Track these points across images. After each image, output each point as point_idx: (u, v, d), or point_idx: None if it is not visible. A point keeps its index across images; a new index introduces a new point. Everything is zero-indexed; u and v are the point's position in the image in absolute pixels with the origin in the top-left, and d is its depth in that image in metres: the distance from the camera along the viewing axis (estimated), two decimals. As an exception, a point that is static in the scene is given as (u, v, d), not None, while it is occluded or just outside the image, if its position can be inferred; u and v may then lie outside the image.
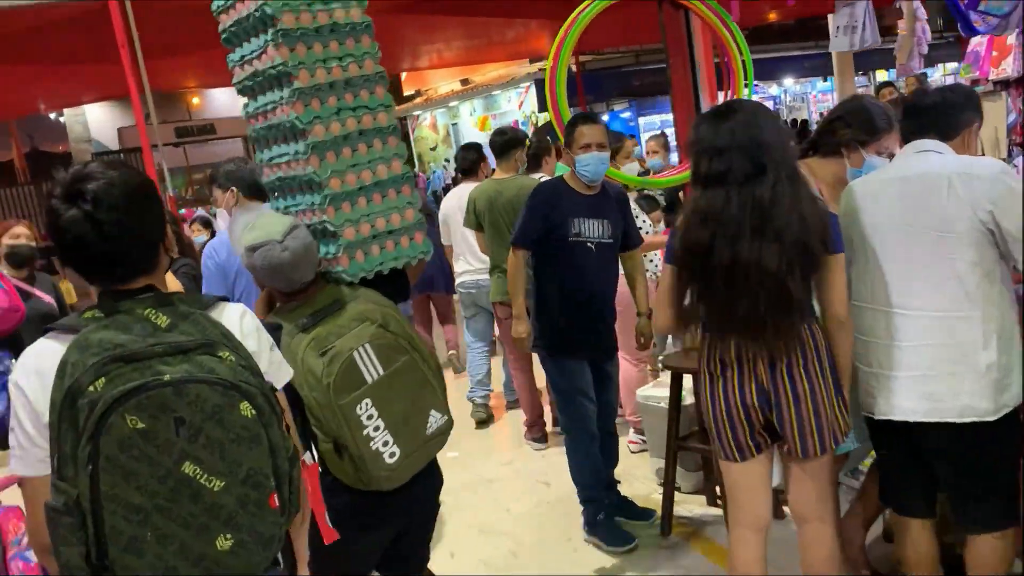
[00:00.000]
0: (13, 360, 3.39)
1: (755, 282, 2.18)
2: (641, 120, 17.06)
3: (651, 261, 4.69)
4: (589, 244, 3.43)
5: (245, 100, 2.47)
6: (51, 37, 7.26)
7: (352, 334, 2.09)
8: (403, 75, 22.03)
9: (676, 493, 3.70)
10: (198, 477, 1.44)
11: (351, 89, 2.30)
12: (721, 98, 3.82)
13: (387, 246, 2.36)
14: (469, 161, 5.43)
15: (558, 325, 3.48)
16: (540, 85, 16.42)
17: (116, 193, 1.51)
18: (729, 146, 2.21)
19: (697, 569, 3.34)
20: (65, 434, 1.41)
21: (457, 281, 5.36)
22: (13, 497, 2.70)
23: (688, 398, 3.73)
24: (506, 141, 4.90)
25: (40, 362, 1.49)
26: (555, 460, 4.42)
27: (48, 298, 3.86)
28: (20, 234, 3.84)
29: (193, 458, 1.43)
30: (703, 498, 3.88)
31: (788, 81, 20.15)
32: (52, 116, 23.64)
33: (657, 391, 4.03)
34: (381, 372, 2.10)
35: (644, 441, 4.36)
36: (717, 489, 3.74)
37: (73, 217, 1.49)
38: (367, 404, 2.07)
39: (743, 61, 3.68)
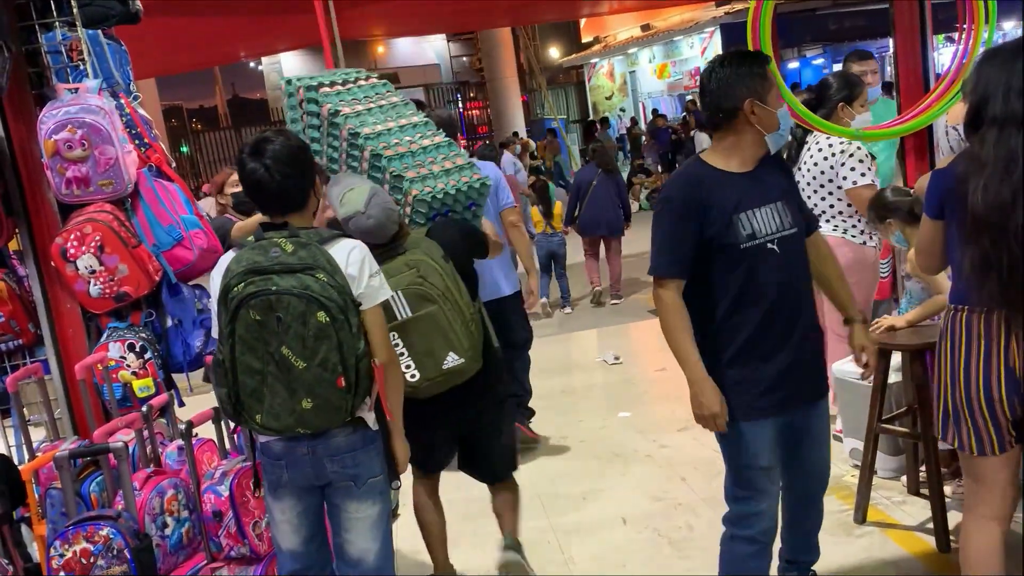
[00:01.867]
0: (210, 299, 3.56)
1: None
2: (836, 68, 15.92)
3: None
4: (770, 245, 2.35)
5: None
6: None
7: (395, 279, 2.57)
8: (582, 22, 21.63)
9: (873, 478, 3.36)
10: (289, 357, 2.13)
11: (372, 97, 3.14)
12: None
13: (450, 182, 2.93)
14: None
15: (733, 379, 2.41)
16: (726, 30, 15.68)
17: (284, 153, 2.25)
18: None
19: (896, 564, 3.05)
20: (220, 315, 2.19)
21: None
22: (207, 431, 2.83)
23: (894, 376, 3.37)
24: None
25: (222, 265, 2.24)
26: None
27: None
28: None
29: (287, 344, 2.13)
30: (903, 485, 3.53)
31: (1008, 24, 18.10)
32: (251, 65, 25.17)
33: (854, 366, 3.67)
34: (408, 314, 2.62)
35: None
36: (922, 475, 3.39)
37: (255, 167, 2.24)
38: (394, 335, 2.58)
39: (985, -1, 3.18)
